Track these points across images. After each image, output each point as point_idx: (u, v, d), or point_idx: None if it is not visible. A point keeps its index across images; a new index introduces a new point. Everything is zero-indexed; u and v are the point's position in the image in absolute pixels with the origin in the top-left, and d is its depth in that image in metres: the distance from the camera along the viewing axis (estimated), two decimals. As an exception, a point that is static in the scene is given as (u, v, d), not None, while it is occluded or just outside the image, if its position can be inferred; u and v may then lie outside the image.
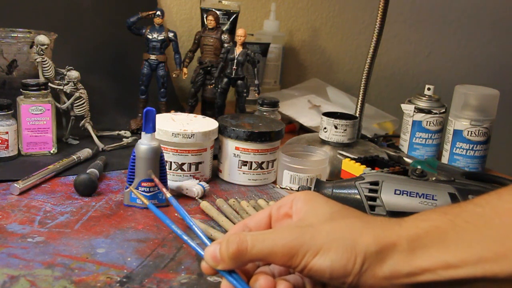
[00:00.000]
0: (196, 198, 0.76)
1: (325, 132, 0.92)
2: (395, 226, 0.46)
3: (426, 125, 0.99)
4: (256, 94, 1.05)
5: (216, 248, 0.46)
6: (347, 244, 0.44)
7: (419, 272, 0.44)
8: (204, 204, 0.73)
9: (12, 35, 0.98)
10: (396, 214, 0.67)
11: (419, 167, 0.78)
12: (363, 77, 0.98)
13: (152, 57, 1.00)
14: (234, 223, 0.68)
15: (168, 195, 0.60)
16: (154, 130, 0.71)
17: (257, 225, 0.51)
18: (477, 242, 0.43)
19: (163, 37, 1.00)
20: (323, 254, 0.44)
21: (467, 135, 0.95)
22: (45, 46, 0.90)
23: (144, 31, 1.00)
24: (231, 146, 0.83)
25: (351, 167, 0.82)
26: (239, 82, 1.01)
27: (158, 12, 0.99)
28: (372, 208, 0.67)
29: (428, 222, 0.45)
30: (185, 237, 0.53)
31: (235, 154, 0.83)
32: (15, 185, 0.74)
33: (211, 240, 0.56)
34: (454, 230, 0.44)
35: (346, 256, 0.44)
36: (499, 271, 0.42)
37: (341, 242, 0.44)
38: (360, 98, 0.99)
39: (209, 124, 0.84)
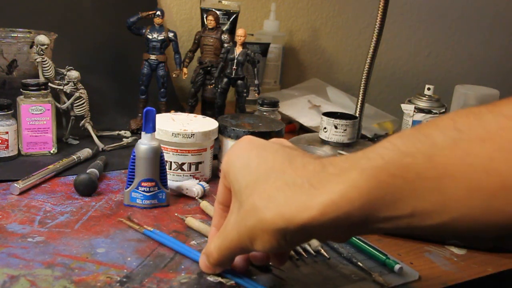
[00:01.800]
0: (196, 198, 0.76)
1: (325, 132, 0.92)
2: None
3: (426, 125, 0.99)
4: (256, 94, 1.05)
5: (203, 259, 0.55)
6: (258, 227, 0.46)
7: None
8: (204, 204, 0.73)
9: (12, 35, 0.98)
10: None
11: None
12: (363, 77, 0.98)
13: (152, 57, 1.00)
14: None
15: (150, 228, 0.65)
16: (154, 130, 0.71)
17: (218, 225, 0.55)
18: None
19: (163, 37, 1.00)
20: (255, 242, 0.47)
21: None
22: (45, 46, 0.90)
23: (144, 31, 1.00)
24: (231, 146, 0.83)
25: (351, 167, 0.82)
26: (239, 82, 1.01)
27: (158, 12, 0.99)
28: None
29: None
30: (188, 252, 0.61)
31: (235, 154, 0.83)
32: (15, 185, 0.74)
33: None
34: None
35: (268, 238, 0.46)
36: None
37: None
38: (360, 98, 0.99)
39: (209, 124, 0.84)
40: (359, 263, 0.61)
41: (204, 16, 1.10)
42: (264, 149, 0.49)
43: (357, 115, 0.98)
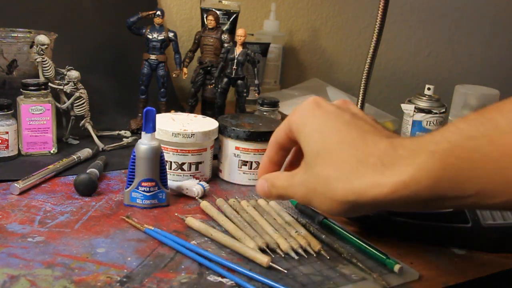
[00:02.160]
0: (196, 198, 0.76)
1: (325, 132, 0.92)
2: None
3: (426, 125, 0.99)
4: (256, 94, 1.05)
5: (263, 185, 0.56)
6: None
7: None
8: (204, 204, 0.73)
9: (12, 35, 0.98)
10: (396, 213, 0.67)
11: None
12: (363, 77, 0.98)
13: (152, 57, 1.00)
14: (234, 223, 0.68)
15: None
16: (154, 130, 0.71)
17: (273, 160, 0.59)
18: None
19: (163, 37, 1.00)
20: (322, 205, 0.50)
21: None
22: (45, 46, 0.90)
23: (144, 31, 1.00)
24: (231, 146, 0.83)
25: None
26: (239, 82, 1.01)
27: (158, 12, 0.99)
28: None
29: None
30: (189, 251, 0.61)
31: (235, 154, 0.83)
32: (15, 185, 0.74)
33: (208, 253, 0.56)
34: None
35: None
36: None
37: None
38: (360, 98, 0.99)
39: (209, 124, 0.84)
40: (358, 263, 0.61)
41: (204, 16, 1.10)
42: (336, 118, 0.51)
43: (357, 115, 0.98)
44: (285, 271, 0.59)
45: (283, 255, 0.62)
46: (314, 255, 0.63)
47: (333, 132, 0.50)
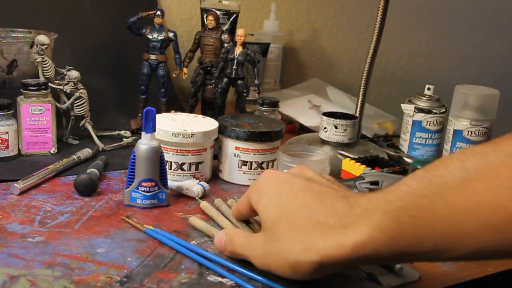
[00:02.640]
0: (196, 198, 0.76)
1: (325, 132, 0.92)
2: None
3: (426, 125, 0.99)
4: (256, 94, 1.05)
5: (221, 239, 0.59)
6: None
7: None
8: (204, 204, 0.73)
9: (12, 35, 0.98)
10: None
11: (419, 167, 0.78)
12: (363, 77, 0.98)
13: (152, 57, 1.00)
14: (233, 223, 0.67)
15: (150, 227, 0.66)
16: (154, 130, 0.71)
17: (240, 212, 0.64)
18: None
19: (163, 37, 1.00)
20: (286, 271, 0.52)
21: (467, 135, 0.95)
22: (45, 46, 0.90)
23: (144, 31, 1.00)
24: (231, 146, 0.83)
25: (351, 167, 0.82)
26: (239, 82, 1.01)
27: (158, 12, 0.99)
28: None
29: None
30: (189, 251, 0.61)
31: (235, 154, 0.83)
32: (15, 185, 0.74)
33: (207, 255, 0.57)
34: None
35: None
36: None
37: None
38: (360, 98, 0.99)
39: (209, 124, 0.84)
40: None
41: (204, 16, 1.10)
42: (292, 187, 0.54)
43: (357, 115, 0.98)
44: (281, 285, 0.57)
45: None
46: None
47: (291, 199, 0.53)
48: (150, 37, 1.00)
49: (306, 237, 0.50)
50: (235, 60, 0.99)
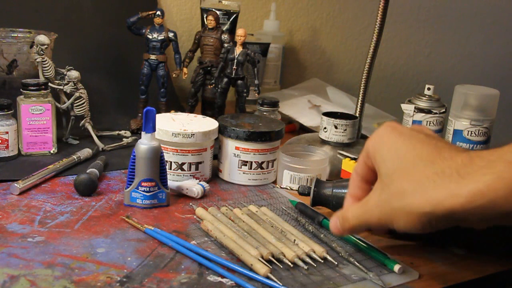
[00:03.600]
0: (196, 197, 0.76)
1: (325, 132, 0.92)
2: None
3: (426, 125, 0.99)
4: (256, 94, 1.05)
5: (336, 222, 0.58)
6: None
7: None
8: (199, 212, 0.71)
9: (12, 35, 0.98)
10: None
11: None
12: (363, 77, 0.98)
13: (152, 57, 1.00)
14: (234, 232, 0.65)
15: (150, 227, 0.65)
16: (154, 130, 0.71)
17: (356, 196, 0.59)
18: None
19: (163, 37, 1.00)
20: (398, 222, 0.51)
21: (467, 135, 0.95)
22: (45, 46, 0.90)
23: (144, 31, 1.00)
24: (231, 146, 0.83)
25: (351, 167, 0.82)
26: (239, 82, 1.01)
27: (158, 12, 0.99)
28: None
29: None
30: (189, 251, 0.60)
31: (235, 154, 0.83)
32: (15, 185, 0.74)
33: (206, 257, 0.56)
34: None
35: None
36: None
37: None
38: (360, 98, 0.99)
39: (209, 124, 0.84)
40: (356, 263, 0.61)
41: (204, 16, 1.10)
42: (410, 137, 0.53)
43: (357, 115, 0.98)
44: (281, 285, 0.57)
45: (291, 265, 0.60)
46: (322, 261, 0.62)
47: (409, 150, 0.51)
48: (150, 37, 1.00)
49: (419, 187, 0.48)
50: (235, 60, 0.99)
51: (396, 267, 0.61)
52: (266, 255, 0.60)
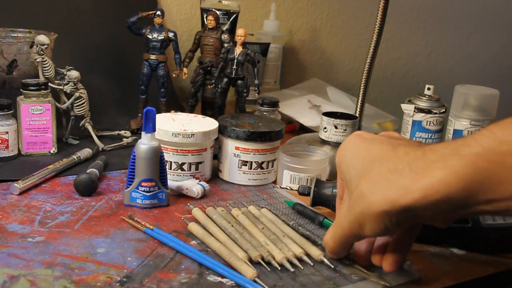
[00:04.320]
0: (196, 197, 0.76)
1: (325, 132, 0.92)
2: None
3: (426, 125, 0.99)
4: (256, 94, 1.05)
5: (326, 248, 0.59)
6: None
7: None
8: (196, 213, 0.70)
9: (12, 35, 0.98)
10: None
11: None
12: (363, 77, 0.98)
13: (152, 57, 1.00)
14: (227, 234, 0.65)
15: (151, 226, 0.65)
16: (154, 130, 0.71)
17: None
18: None
19: (163, 37, 1.00)
20: (364, 227, 0.51)
21: (467, 135, 0.95)
22: (45, 46, 0.90)
23: (144, 31, 1.00)
24: (231, 146, 0.83)
25: (351, 167, 0.82)
26: (239, 82, 1.01)
27: (158, 12, 0.99)
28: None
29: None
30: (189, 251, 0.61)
31: (235, 154, 0.83)
32: (15, 185, 0.74)
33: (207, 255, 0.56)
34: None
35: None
36: None
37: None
38: (360, 98, 0.99)
39: (209, 124, 0.84)
40: (356, 264, 0.61)
41: (204, 16, 1.10)
42: (371, 141, 0.53)
43: (357, 115, 0.98)
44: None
45: (279, 268, 0.59)
46: (312, 264, 0.61)
47: (368, 153, 0.52)
48: (150, 37, 1.00)
49: (375, 187, 0.48)
50: (235, 60, 0.99)
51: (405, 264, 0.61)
52: (255, 257, 0.60)
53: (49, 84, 0.90)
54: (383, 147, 0.51)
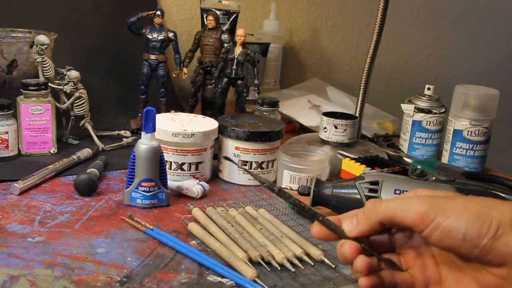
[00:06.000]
0: (195, 197, 0.76)
1: (325, 132, 0.92)
2: None
3: (426, 125, 0.99)
4: (256, 94, 1.05)
5: (353, 218, 0.51)
6: (482, 210, 0.46)
7: None
8: (195, 213, 0.71)
9: (12, 35, 0.98)
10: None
11: (419, 167, 0.78)
12: (363, 77, 0.98)
13: (152, 57, 1.00)
14: (227, 235, 0.65)
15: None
16: (154, 130, 0.71)
17: None
18: None
19: (163, 37, 1.00)
20: (457, 216, 0.46)
21: (467, 135, 0.95)
22: (45, 46, 0.90)
23: (144, 31, 1.00)
24: (231, 146, 0.83)
25: (351, 167, 0.82)
26: (239, 82, 1.01)
27: (158, 12, 0.99)
28: (372, 208, 0.67)
29: None
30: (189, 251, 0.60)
31: (235, 154, 0.83)
32: (15, 185, 0.74)
33: (207, 255, 0.56)
34: None
35: (482, 219, 0.45)
36: None
37: (476, 209, 0.46)
38: (360, 98, 0.99)
39: (209, 124, 0.84)
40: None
41: (204, 16, 1.10)
42: None
43: (357, 115, 0.98)
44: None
45: (279, 268, 0.60)
46: (312, 264, 0.61)
47: None
48: (150, 37, 1.00)
49: None
50: (235, 60, 0.99)
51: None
52: (255, 258, 0.60)
53: (49, 84, 0.90)
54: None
